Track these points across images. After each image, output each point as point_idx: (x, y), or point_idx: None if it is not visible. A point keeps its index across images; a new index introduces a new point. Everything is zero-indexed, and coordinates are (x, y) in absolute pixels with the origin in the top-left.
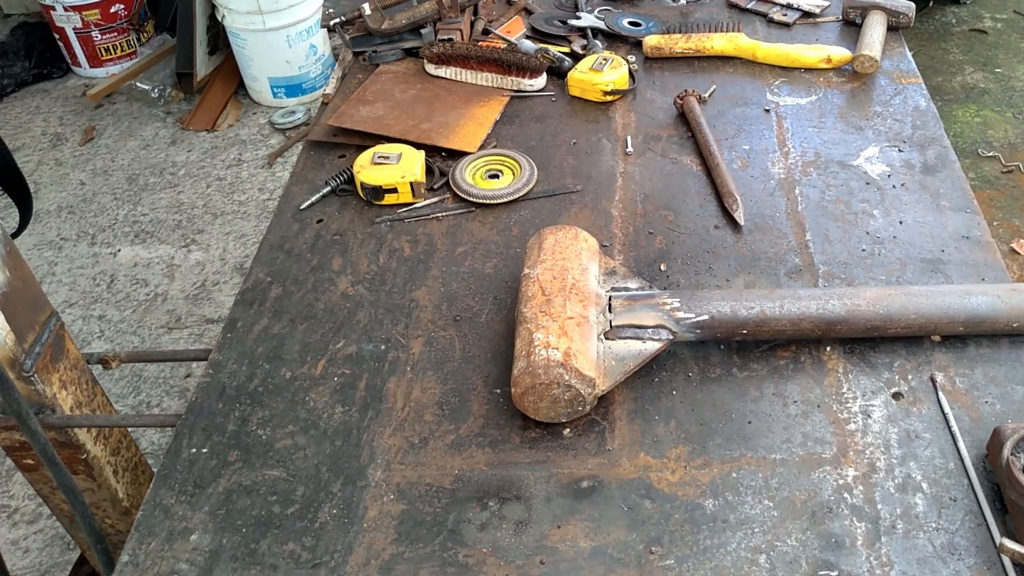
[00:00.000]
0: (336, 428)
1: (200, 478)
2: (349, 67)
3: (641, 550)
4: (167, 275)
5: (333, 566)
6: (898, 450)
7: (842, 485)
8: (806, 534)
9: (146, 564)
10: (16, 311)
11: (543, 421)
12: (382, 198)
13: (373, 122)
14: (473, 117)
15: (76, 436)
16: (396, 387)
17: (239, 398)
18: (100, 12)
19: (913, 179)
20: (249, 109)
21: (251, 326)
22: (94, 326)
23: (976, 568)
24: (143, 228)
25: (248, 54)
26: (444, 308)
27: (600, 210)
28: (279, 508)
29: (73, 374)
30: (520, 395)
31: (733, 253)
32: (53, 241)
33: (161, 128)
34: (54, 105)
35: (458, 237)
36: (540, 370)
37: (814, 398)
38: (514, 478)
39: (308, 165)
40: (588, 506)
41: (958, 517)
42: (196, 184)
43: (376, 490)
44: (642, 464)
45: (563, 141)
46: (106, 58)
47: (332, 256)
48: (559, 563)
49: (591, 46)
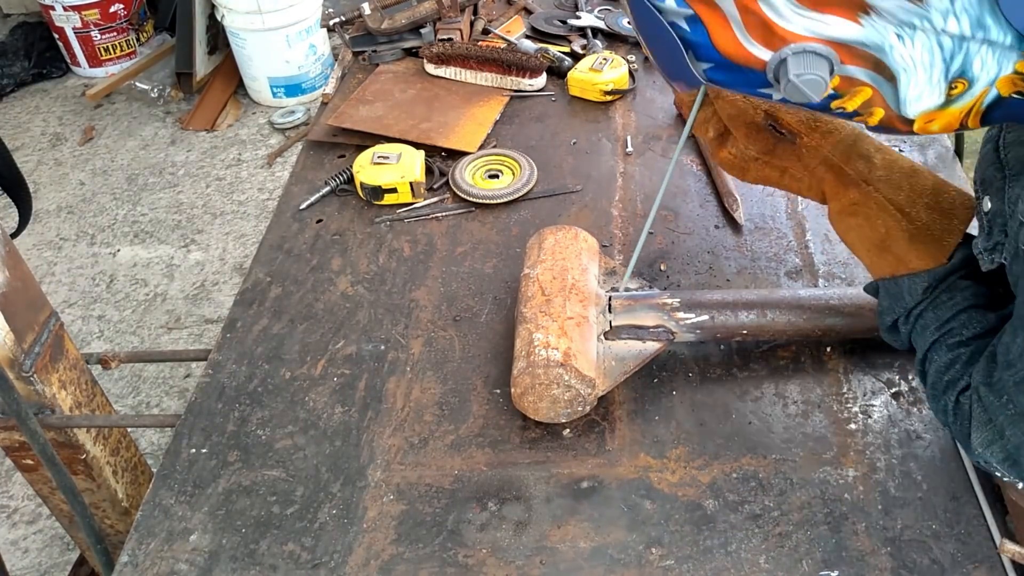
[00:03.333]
0: (336, 428)
1: (200, 478)
2: (349, 67)
3: (641, 550)
4: (167, 275)
5: (333, 566)
6: (898, 450)
7: (842, 485)
8: (806, 535)
9: (145, 564)
10: (15, 311)
11: (543, 421)
12: (382, 198)
13: (373, 122)
14: (473, 117)
15: (76, 436)
16: (396, 387)
17: (239, 398)
18: (100, 12)
19: None
20: (249, 109)
21: (251, 326)
22: (94, 326)
23: (976, 569)
24: (143, 228)
25: (248, 54)
26: (444, 308)
27: (600, 210)
28: (279, 508)
29: (72, 374)
30: (520, 395)
31: (733, 253)
32: (52, 241)
33: (161, 128)
34: (53, 105)
35: (458, 237)
36: (540, 370)
37: (814, 398)
38: (514, 478)
39: (308, 165)
40: (588, 506)
41: (958, 518)
42: (195, 184)
43: (376, 490)
44: (642, 464)
45: (563, 141)
46: (105, 58)
47: (332, 256)
48: (559, 563)
49: (591, 46)
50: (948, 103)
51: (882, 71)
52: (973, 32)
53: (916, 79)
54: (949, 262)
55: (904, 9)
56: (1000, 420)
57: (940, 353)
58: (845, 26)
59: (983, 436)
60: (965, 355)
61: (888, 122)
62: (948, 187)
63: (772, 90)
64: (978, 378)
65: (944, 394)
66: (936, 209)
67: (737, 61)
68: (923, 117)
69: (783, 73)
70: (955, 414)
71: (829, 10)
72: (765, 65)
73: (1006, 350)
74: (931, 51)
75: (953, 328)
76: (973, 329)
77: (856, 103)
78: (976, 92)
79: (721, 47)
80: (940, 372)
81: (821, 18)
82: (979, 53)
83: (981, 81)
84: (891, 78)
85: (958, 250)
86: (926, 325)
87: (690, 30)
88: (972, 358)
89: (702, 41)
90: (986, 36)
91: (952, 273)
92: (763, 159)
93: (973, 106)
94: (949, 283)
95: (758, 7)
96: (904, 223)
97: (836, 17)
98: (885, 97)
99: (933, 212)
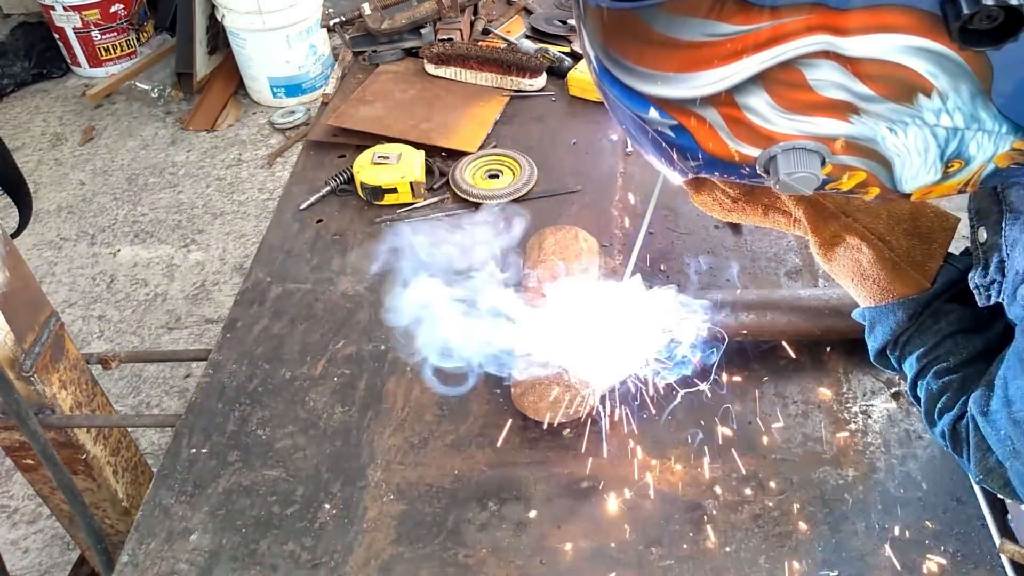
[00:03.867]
0: (336, 428)
1: (200, 478)
2: (349, 67)
3: (641, 550)
4: (167, 275)
5: (333, 566)
6: (898, 450)
7: (842, 485)
8: (806, 534)
9: (146, 564)
10: (16, 311)
11: (543, 421)
12: (382, 198)
13: (373, 122)
14: (473, 117)
15: (76, 436)
16: (396, 387)
17: (239, 398)
18: (100, 12)
19: None
20: (249, 109)
21: (251, 326)
22: (94, 326)
23: (976, 569)
24: (143, 228)
25: (248, 54)
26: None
27: (600, 210)
28: (279, 508)
29: (73, 374)
30: (520, 395)
31: (733, 253)
32: (53, 241)
33: (161, 128)
34: (54, 105)
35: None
36: (540, 370)
37: (814, 398)
38: (514, 478)
39: (308, 165)
40: (588, 506)
41: (958, 517)
42: (196, 184)
43: (376, 490)
44: (642, 464)
45: (563, 141)
46: (106, 58)
47: (332, 256)
48: (559, 563)
49: None
50: (945, 179)
51: (875, 158)
52: (967, 124)
53: (911, 163)
54: (932, 287)
55: (895, 111)
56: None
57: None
58: (835, 124)
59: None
60: (956, 382)
61: (884, 197)
62: (926, 209)
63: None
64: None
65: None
66: (915, 235)
67: (725, 160)
68: (920, 191)
69: (774, 171)
70: (952, 440)
71: (817, 113)
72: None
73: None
74: (925, 140)
75: (940, 355)
76: (960, 356)
77: (850, 184)
78: (973, 168)
79: (708, 149)
80: (932, 400)
81: (809, 120)
82: (975, 139)
83: (978, 160)
84: (885, 164)
85: (940, 274)
86: (913, 351)
87: (676, 136)
88: (963, 385)
89: (689, 145)
90: (981, 127)
91: (936, 298)
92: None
93: (971, 178)
94: (934, 308)
95: (744, 116)
96: (885, 251)
97: (825, 118)
98: (880, 178)
99: (913, 238)
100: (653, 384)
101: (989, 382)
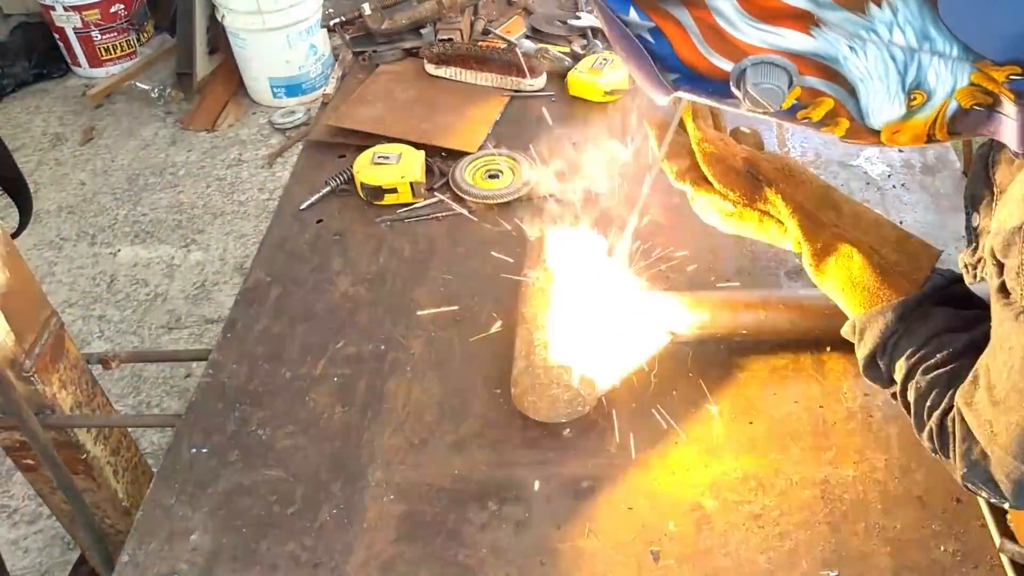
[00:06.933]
0: (336, 428)
1: (200, 478)
2: (349, 67)
3: (641, 550)
4: (167, 275)
5: (333, 566)
6: (898, 450)
7: (842, 485)
8: (807, 535)
9: (146, 564)
10: (16, 311)
11: (543, 421)
12: (382, 198)
13: (373, 122)
14: (473, 117)
15: (76, 436)
16: (396, 387)
17: (239, 398)
18: (100, 12)
19: (913, 179)
20: (249, 109)
21: (251, 326)
22: (94, 326)
23: (976, 569)
24: (143, 228)
25: (248, 54)
26: (444, 308)
27: (600, 210)
28: (279, 508)
29: (73, 374)
30: (520, 395)
31: (733, 253)
32: (53, 241)
33: (161, 128)
34: (54, 105)
35: (458, 237)
36: (540, 370)
37: (814, 398)
38: (514, 478)
39: (308, 165)
40: (588, 506)
41: (958, 517)
42: (196, 184)
43: (376, 490)
44: (642, 464)
45: (563, 141)
46: (106, 58)
47: (332, 256)
48: (559, 563)
49: (591, 46)
50: (910, 114)
51: (840, 82)
52: (920, 43)
53: (874, 90)
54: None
55: (851, 21)
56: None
57: (919, 379)
58: (798, 38)
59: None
60: (944, 378)
61: (855, 133)
62: (912, 238)
63: (736, 100)
64: (960, 400)
65: (927, 419)
66: (903, 252)
67: (701, 72)
68: (888, 128)
69: (743, 83)
70: (939, 439)
71: (781, 23)
72: (728, 75)
73: (986, 371)
74: (884, 62)
75: (928, 352)
76: (947, 351)
77: (820, 113)
78: (936, 104)
79: (684, 58)
80: (921, 399)
81: (774, 30)
82: (931, 65)
83: (939, 93)
84: (850, 89)
85: (928, 281)
86: (902, 352)
87: (655, 42)
88: (951, 380)
89: (667, 52)
90: (933, 47)
91: (925, 300)
92: (742, 203)
93: (936, 117)
94: (923, 310)
95: (714, 20)
96: (875, 258)
97: (789, 30)
98: (848, 107)
99: (901, 255)
100: (653, 384)
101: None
